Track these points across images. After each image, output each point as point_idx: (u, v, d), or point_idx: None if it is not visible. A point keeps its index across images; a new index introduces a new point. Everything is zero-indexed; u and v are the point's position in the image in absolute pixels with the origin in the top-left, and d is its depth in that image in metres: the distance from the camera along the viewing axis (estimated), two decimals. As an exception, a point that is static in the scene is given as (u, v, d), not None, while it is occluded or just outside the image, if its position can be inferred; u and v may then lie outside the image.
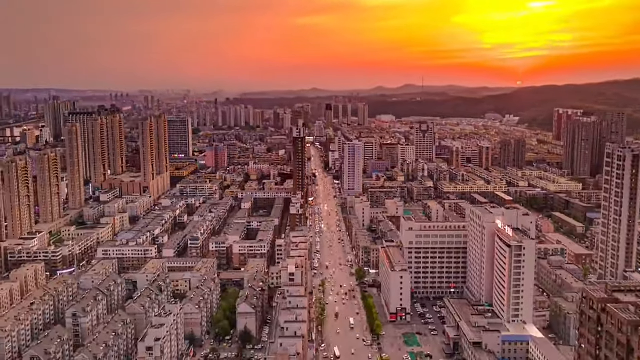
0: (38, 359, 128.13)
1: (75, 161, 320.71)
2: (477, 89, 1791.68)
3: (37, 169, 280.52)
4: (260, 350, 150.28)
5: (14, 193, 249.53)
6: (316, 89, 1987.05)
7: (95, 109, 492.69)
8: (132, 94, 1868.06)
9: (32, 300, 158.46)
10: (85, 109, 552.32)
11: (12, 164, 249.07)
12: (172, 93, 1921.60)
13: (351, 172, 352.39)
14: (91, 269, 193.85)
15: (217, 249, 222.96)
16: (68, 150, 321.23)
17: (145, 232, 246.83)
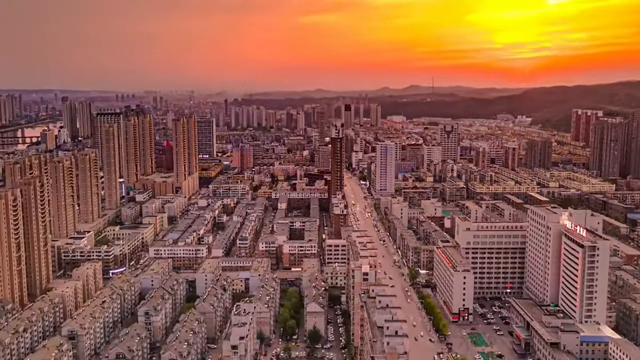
0: (123, 355, 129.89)
1: (112, 161, 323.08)
2: (485, 90, 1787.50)
3: (78, 169, 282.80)
4: (329, 350, 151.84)
5: (60, 193, 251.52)
6: (321, 90, 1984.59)
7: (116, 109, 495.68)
8: (138, 94, 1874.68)
9: (103, 298, 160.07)
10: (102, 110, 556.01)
11: (59, 164, 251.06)
12: (177, 93, 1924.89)
13: (383, 172, 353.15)
14: (149, 268, 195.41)
15: (267, 248, 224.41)
16: (105, 150, 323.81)
17: (191, 232, 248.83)
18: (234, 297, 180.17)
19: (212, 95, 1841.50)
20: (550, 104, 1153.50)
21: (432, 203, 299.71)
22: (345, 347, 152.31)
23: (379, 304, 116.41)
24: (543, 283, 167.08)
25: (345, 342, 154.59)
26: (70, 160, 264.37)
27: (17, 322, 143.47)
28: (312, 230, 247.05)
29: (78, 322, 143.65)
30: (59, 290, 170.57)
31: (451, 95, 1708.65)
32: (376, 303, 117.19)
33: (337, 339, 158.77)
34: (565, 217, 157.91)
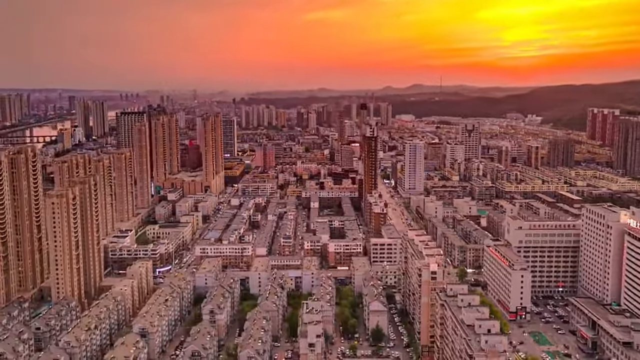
0: (198, 353, 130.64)
1: (144, 160, 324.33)
2: (490, 89, 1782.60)
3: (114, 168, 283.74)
4: (393, 348, 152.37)
5: (100, 191, 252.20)
6: (324, 89, 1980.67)
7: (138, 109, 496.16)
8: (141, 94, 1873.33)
9: (165, 296, 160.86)
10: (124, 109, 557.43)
11: (99, 163, 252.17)
12: (179, 93, 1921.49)
13: (412, 171, 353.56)
14: (201, 267, 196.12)
15: (312, 247, 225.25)
16: (137, 149, 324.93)
17: (232, 230, 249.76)
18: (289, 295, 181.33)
19: (215, 94, 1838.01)
20: (559, 102, 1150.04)
21: (466, 202, 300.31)
22: (409, 346, 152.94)
23: (461, 302, 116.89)
24: (602, 282, 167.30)
25: (409, 341, 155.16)
26: (110, 160, 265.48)
27: (88, 319, 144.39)
28: (353, 229, 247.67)
29: (148, 320, 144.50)
30: (118, 289, 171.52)
31: (456, 94, 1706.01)
32: (458, 301, 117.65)
33: (398, 338, 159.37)
34: (627, 215, 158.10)
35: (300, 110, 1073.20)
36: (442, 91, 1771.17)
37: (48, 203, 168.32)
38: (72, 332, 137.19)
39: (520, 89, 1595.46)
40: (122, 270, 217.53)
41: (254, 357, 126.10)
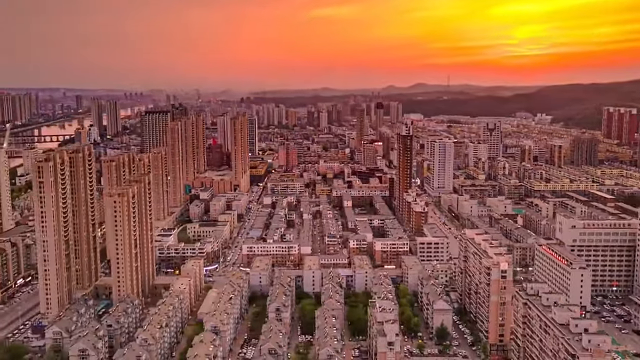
0: (275, 351, 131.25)
1: (177, 159, 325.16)
2: (495, 88, 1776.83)
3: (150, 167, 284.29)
4: (458, 347, 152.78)
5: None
6: (327, 88, 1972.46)
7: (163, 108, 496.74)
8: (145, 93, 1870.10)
9: (229, 294, 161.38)
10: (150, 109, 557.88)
11: (140, 162, 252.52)
12: (181, 92, 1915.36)
13: (441, 170, 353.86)
14: (254, 265, 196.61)
15: (358, 246, 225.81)
16: (170, 148, 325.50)
17: (274, 229, 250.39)
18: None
19: (217, 93, 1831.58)
20: (568, 102, 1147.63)
21: (500, 200, 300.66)
22: (474, 345, 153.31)
23: (546, 300, 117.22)
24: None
25: (473, 340, 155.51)
26: (148, 159, 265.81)
27: (159, 317, 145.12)
28: (395, 228, 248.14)
29: (218, 318, 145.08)
30: (177, 287, 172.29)
31: (463, 93, 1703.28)
32: (543, 300, 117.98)
33: (461, 336, 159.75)
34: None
35: (311, 109, 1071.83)
36: (447, 90, 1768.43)
37: (109, 201, 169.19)
38: (147, 329, 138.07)
39: (526, 87, 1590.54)
40: (169, 268, 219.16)
41: (334, 355, 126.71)
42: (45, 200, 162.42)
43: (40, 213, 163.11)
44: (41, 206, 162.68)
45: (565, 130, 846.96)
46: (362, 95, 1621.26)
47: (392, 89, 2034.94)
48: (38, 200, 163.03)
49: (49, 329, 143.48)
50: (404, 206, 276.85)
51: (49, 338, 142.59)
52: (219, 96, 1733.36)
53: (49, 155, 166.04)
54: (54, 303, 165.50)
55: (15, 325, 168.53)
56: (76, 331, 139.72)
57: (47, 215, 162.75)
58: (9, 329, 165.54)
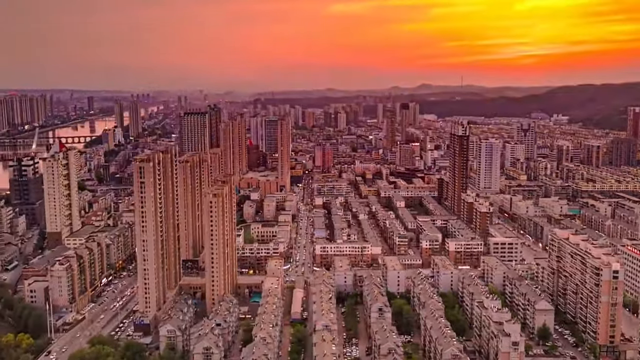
0: (394, 351, 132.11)
1: (228, 160, 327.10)
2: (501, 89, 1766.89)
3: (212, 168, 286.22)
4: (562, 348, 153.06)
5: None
6: (332, 89, 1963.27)
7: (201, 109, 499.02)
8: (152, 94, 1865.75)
9: (329, 294, 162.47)
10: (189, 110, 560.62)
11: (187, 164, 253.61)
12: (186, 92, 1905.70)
13: (488, 170, 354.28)
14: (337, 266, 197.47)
15: (430, 246, 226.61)
16: (222, 149, 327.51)
17: (339, 229, 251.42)
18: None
19: (221, 94, 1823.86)
20: (582, 102, 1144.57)
21: (555, 201, 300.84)
22: (577, 345, 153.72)
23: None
24: None
25: (576, 341, 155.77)
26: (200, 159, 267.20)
27: (270, 316, 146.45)
28: (462, 228, 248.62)
29: (327, 317, 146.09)
30: (268, 286, 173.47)
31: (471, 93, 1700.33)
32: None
33: (561, 337, 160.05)
34: None
35: (328, 110, 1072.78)
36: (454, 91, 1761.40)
37: (205, 201, 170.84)
38: (262, 327, 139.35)
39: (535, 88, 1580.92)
40: (243, 268, 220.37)
41: (459, 355, 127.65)
42: (145, 201, 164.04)
43: (140, 213, 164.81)
44: (142, 206, 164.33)
45: (588, 131, 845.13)
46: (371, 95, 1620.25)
47: (397, 89, 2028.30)
48: (139, 201, 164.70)
49: (162, 327, 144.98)
50: (464, 207, 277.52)
51: (163, 336, 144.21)
52: (222, 97, 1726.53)
53: (149, 156, 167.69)
54: (152, 302, 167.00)
55: (114, 324, 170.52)
56: (194, 330, 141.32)
57: (147, 215, 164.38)
58: (109, 327, 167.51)
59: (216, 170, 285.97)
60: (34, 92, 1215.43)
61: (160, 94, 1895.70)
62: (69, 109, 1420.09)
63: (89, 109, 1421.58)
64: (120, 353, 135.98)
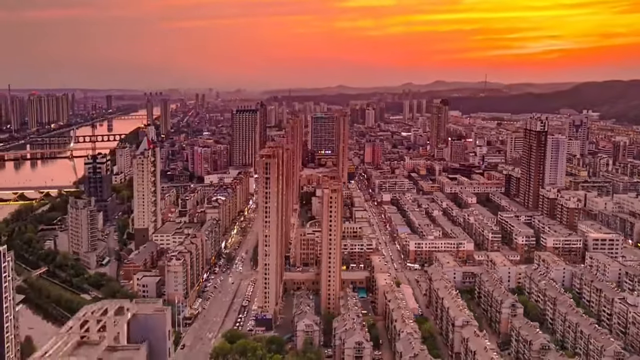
0: (547, 347, 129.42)
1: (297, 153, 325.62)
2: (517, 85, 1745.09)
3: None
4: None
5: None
6: (343, 86, 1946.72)
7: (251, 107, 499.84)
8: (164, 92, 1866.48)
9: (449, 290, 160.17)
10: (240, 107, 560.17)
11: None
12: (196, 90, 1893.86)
13: (554, 166, 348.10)
14: (444, 262, 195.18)
15: (527, 242, 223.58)
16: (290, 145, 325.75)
17: (424, 225, 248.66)
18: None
19: (231, 92, 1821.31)
20: (611, 99, 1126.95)
21: (633, 197, 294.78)
22: None
23: None
24: None
25: None
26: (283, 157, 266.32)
27: (401, 311, 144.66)
28: (552, 224, 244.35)
29: (465, 313, 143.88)
30: (382, 282, 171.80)
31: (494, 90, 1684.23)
32: None
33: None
34: None
35: (355, 107, 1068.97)
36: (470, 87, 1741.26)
37: (326, 196, 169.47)
38: (405, 322, 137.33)
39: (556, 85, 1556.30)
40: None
41: (621, 353, 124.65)
42: (270, 196, 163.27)
43: (264, 208, 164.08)
44: (266, 201, 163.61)
45: (626, 127, 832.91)
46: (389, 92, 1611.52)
47: (411, 86, 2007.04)
48: (264, 196, 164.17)
49: (300, 322, 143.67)
50: (544, 202, 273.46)
51: (300, 331, 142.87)
52: (232, 95, 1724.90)
53: (274, 152, 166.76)
54: (272, 297, 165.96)
55: (231, 319, 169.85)
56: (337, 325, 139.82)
57: (271, 211, 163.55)
58: (228, 322, 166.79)
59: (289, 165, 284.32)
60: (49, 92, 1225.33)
61: (171, 92, 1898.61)
62: (88, 108, 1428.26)
63: (107, 108, 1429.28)
64: (265, 347, 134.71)
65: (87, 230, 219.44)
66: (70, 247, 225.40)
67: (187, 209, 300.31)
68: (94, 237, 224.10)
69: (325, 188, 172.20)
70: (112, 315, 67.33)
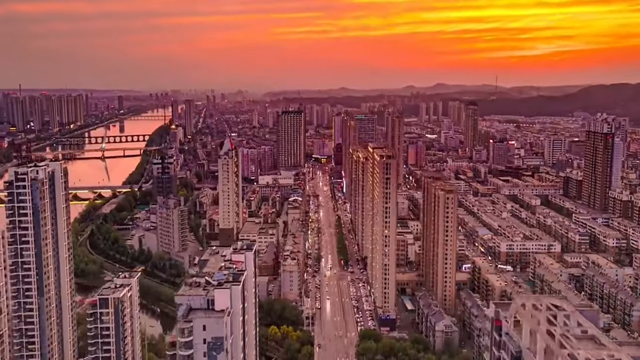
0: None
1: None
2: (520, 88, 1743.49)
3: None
4: None
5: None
6: (345, 89, 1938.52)
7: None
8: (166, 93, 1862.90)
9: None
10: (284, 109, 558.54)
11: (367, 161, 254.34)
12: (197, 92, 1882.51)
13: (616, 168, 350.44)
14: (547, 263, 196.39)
15: (617, 244, 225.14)
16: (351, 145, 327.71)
17: (504, 227, 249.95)
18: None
19: (233, 94, 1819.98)
20: (620, 102, 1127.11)
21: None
22: None
23: None
24: None
25: None
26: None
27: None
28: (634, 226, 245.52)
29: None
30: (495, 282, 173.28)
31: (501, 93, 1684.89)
32: None
33: None
34: None
35: (373, 108, 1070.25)
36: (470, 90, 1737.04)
37: (442, 198, 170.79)
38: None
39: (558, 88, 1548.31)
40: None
41: None
42: (390, 197, 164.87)
43: (384, 209, 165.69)
44: (386, 202, 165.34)
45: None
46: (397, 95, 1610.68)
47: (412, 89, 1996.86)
48: (383, 196, 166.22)
49: (439, 323, 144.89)
50: (614, 204, 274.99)
51: (439, 331, 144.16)
52: (234, 97, 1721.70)
53: (393, 153, 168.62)
54: (392, 297, 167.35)
55: (350, 318, 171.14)
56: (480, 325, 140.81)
57: (391, 211, 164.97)
58: (350, 322, 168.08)
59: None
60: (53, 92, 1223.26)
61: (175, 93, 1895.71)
62: (100, 108, 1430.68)
63: (119, 109, 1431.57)
64: (409, 346, 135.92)
65: (179, 230, 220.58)
66: (159, 246, 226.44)
67: (252, 209, 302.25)
68: (184, 237, 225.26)
69: (440, 190, 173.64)
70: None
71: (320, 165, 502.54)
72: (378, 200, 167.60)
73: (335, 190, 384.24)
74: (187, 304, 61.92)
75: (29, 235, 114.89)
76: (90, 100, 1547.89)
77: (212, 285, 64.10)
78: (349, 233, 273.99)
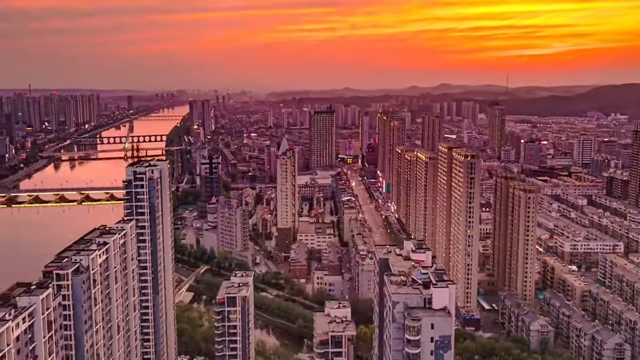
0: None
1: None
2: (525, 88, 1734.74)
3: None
4: None
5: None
6: (349, 89, 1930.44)
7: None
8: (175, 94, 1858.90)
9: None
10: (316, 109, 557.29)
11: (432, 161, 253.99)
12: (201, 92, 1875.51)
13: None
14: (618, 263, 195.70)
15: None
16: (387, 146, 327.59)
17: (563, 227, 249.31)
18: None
19: (237, 94, 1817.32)
20: (632, 102, 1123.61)
21: None
22: None
23: None
24: None
25: None
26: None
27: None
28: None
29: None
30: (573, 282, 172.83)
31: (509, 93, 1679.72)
32: None
33: None
34: None
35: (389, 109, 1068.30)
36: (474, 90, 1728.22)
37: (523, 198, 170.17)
38: None
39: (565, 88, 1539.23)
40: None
41: None
42: (474, 197, 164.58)
43: (467, 209, 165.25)
44: (469, 202, 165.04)
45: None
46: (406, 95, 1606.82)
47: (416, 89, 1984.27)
48: (467, 196, 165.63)
49: (534, 323, 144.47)
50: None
51: (534, 331, 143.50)
52: (238, 97, 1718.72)
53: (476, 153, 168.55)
54: (473, 296, 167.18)
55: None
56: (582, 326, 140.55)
57: (474, 211, 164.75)
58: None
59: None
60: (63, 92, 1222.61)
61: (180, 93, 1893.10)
62: (111, 108, 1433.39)
63: (128, 109, 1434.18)
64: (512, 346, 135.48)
65: (241, 230, 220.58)
66: (219, 246, 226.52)
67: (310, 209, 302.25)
68: (246, 237, 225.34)
69: (521, 190, 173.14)
70: None
71: (348, 166, 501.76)
72: (460, 200, 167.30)
73: (372, 190, 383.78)
74: (403, 302, 61.67)
75: (146, 234, 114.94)
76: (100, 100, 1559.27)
77: (422, 284, 63.83)
78: (399, 232, 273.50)
